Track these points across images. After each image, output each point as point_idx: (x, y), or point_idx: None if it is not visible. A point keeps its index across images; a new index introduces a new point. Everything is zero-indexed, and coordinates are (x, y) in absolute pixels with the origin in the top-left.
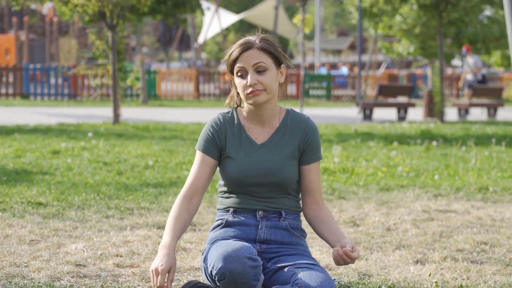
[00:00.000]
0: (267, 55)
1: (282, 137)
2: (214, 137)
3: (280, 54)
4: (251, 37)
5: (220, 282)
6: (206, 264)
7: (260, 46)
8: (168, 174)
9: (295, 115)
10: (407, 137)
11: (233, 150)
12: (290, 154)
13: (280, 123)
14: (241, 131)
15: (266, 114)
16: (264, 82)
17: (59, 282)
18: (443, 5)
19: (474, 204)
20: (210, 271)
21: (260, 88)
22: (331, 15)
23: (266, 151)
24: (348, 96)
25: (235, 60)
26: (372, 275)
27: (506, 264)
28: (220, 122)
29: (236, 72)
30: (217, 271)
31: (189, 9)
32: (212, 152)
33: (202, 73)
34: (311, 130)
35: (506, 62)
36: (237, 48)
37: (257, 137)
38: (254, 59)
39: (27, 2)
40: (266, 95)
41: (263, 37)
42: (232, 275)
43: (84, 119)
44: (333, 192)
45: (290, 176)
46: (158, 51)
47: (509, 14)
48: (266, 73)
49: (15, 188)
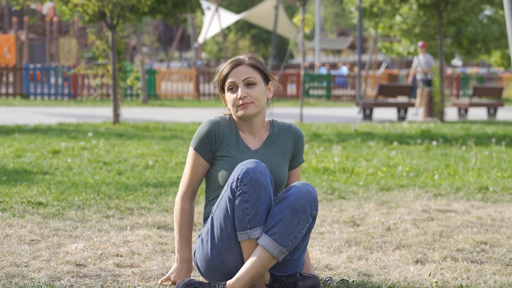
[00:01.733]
0: (256, 71)
1: (274, 144)
2: (211, 140)
3: (267, 70)
4: (240, 56)
5: (244, 182)
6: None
7: (250, 62)
8: (168, 174)
9: (280, 124)
10: (407, 137)
11: (228, 151)
12: (283, 157)
13: (269, 133)
14: (238, 136)
15: (255, 127)
16: (254, 95)
17: (59, 282)
18: (443, 5)
19: (474, 204)
20: (231, 184)
21: (249, 101)
22: (331, 15)
23: (260, 155)
24: (348, 96)
25: (226, 76)
26: (372, 275)
27: (506, 264)
28: (219, 125)
29: (227, 87)
30: (241, 172)
31: (189, 9)
32: (207, 156)
33: (202, 73)
34: (299, 136)
35: (506, 62)
36: (227, 65)
37: (250, 144)
38: (244, 74)
39: (27, 2)
40: (255, 108)
41: (251, 56)
42: (254, 172)
43: (84, 119)
44: (333, 192)
45: (284, 176)
46: (158, 50)
47: (509, 14)
48: (256, 87)
49: (15, 188)
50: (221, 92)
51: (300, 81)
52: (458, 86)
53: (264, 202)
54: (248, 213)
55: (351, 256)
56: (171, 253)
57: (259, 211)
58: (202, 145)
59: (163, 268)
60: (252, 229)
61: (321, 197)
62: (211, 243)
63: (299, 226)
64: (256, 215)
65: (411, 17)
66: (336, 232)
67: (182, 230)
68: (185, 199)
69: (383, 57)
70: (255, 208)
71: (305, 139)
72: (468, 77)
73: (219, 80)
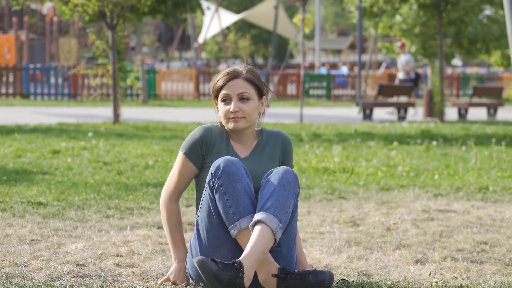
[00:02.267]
0: (251, 86)
1: (263, 151)
2: (202, 146)
3: (262, 85)
4: (238, 67)
5: (217, 175)
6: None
7: (246, 77)
8: (168, 174)
9: (269, 131)
10: (407, 137)
11: (218, 158)
12: (272, 164)
13: (258, 141)
14: (228, 144)
15: (245, 137)
16: (246, 111)
17: (59, 282)
18: (443, 5)
19: (474, 204)
20: (207, 182)
21: (240, 115)
22: (331, 15)
23: (249, 162)
24: (348, 96)
25: (221, 87)
26: (372, 275)
27: (506, 264)
28: (211, 131)
29: (221, 98)
30: (213, 168)
31: (189, 9)
32: (197, 162)
33: (202, 73)
34: (287, 142)
35: (506, 62)
36: (224, 76)
37: (240, 152)
38: (239, 88)
39: (27, 2)
40: (246, 123)
41: (249, 69)
42: (226, 164)
43: (84, 119)
44: (333, 192)
45: None
46: (158, 50)
47: (509, 14)
48: (249, 102)
49: (15, 188)
50: (214, 99)
51: (300, 81)
52: (458, 86)
53: (243, 191)
54: (231, 204)
55: (351, 256)
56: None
57: (241, 200)
58: (193, 151)
59: (163, 268)
60: (239, 220)
61: (321, 197)
62: (199, 246)
63: (288, 200)
64: (239, 204)
65: (411, 17)
66: (336, 232)
67: (174, 231)
68: (171, 200)
69: (383, 57)
70: (236, 197)
71: (305, 139)
72: (468, 77)
73: (214, 89)
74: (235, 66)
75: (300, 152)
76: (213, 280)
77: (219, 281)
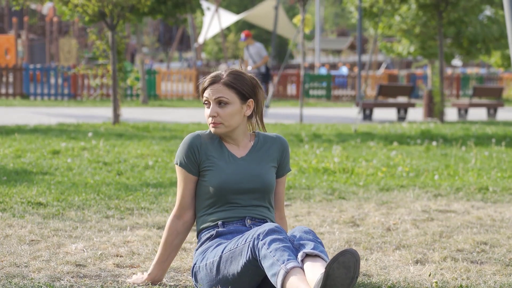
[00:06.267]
0: (230, 90)
1: (259, 151)
2: (195, 153)
3: (247, 88)
4: (221, 71)
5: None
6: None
7: (225, 81)
8: (168, 174)
9: (266, 135)
10: (407, 137)
11: (213, 161)
12: (269, 163)
13: (255, 142)
14: (222, 146)
15: (236, 137)
16: (223, 116)
17: (59, 282)
18: (443, 5)
19: (474, 204)
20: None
21: (218, 121)
22: (331, 15)
23: (246, 162)
24: (348, 96)
25: (203, 90)
26: (372, 275)
27: (506, 264)
28: (200, 138)
29: (203, 102)
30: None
31: (189, 9)
32: (193, 170)
33: (202, 73)
34: (285, 145)
35: (506, 62)
36: (207, 80)
37: (235, 153)
38: (217, 93)
39: (27, 2)
40: (224, 128)
41: (231, 72)
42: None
43: (84, 119)
44: (333, 192)
45: (271, 182)
46: (158, 51)
47: (509, 14)
48: (227, 107)
49: (15, 188)
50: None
51: (300, 81)
52: (458, 86)
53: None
54: (275, 254)
55: None
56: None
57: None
58: (186, 160)
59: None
60: (286, 262)
61: (321, 197)
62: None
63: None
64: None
65: (410, 17)
66: (336, 232)
67: (164, 252)
68: (173, 218)
69: (383, 57)
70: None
71: (305, 140)
72: (468, 77)
73: (200, 91)
74: (219, 70)
75: (300, 152)
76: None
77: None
